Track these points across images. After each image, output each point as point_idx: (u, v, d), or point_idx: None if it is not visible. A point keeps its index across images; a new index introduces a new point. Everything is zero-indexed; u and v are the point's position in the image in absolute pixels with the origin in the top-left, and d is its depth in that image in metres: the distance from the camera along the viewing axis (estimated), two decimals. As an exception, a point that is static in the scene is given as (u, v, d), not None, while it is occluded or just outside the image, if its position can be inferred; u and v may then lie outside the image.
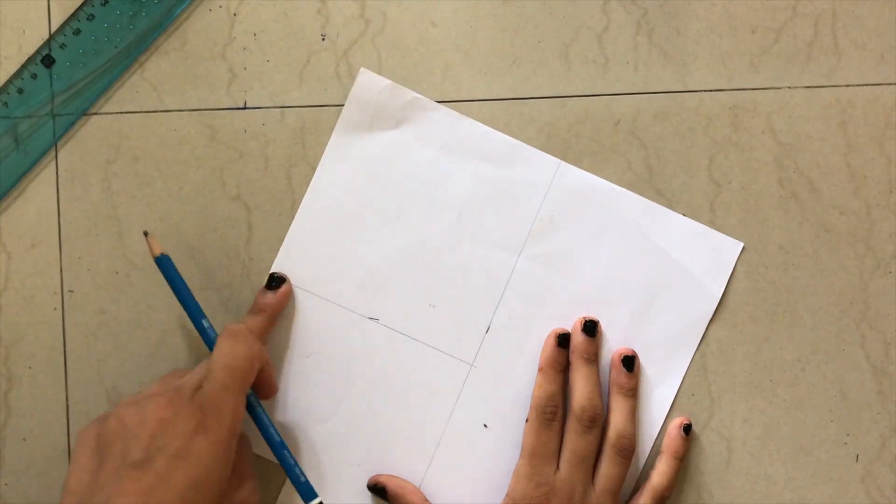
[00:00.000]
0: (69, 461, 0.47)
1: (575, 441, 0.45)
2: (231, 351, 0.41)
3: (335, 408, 0.47)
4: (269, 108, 0.48)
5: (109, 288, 0.48)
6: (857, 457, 0.48)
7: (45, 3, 0.48)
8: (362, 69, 0.48)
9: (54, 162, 0.48)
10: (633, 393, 0.47)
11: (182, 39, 0.48)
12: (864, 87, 0.48)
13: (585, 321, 0.47)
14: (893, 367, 0.48)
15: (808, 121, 0.48)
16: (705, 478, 0.48)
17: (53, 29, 0.48)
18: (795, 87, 0.48)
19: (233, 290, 0.48)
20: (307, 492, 0.44)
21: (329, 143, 0.48)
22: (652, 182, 0.48)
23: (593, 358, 0.46)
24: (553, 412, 0.45)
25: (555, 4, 0.48)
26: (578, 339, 0.46)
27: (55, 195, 0.48)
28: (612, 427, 0.46)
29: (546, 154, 0.48)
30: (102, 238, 0.48)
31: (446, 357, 0.47)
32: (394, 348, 0.47)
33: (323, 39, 0.48)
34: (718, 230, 0.48)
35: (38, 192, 0.48)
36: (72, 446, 0.48)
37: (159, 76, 0.48)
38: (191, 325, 0.48)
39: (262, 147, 0.48)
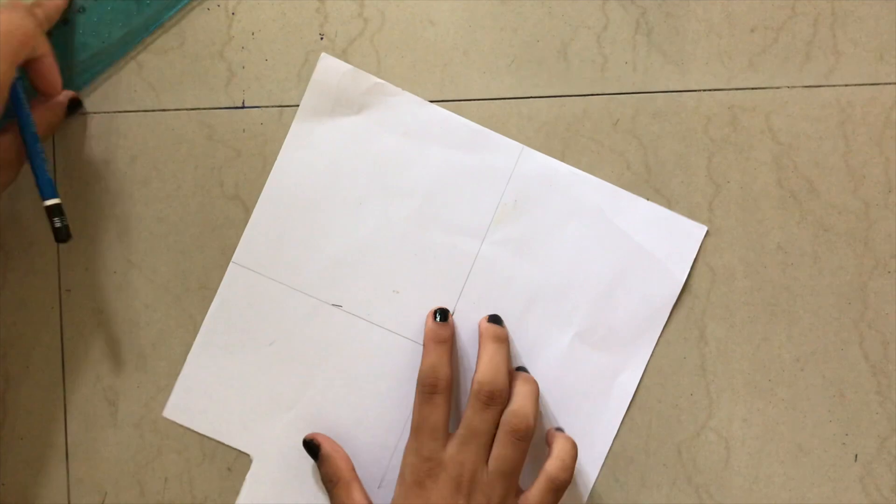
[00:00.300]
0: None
1: (469, 417, 0.44)
2: (6, 19, 0.41)
3: (299, 395, 0.47)
4: (268, 107, 0.48)
5: (107, 287, 0.48)
6: (856, 456, 0.48)
7: (43, 1, 0.48)
8: (323, 54, 0.48)
9: (52, 161, 0.48)
10: (532, 382, 0.46)
11: (180, 38, 0.48)
12: (863, 86, 0.48)
13: (490, 316, 0.47)
14: (892, 366, 0.48)
15: (806, 120, 0.48)
16: (704, 478, 0.48)
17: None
18: (794, 87, 0.48)
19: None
20: (48, 190, 0.44)
21: (290, 129, 0.48)
22: (650, 181, 0.48)
23: (502, 338, 0.46)
24: (433, 384, 0.44)
25: (553, 3, 0.48)
26: (484, 324, 0.46)
27: (53, 194, 0.48)
28: (508, 407, 0.45)
29: (509, 139, 0.48)
30: (100, 237, 0.48)
31: (410, 342, 0.47)
32: (357, 334, 0.47)
33: (321, 38, 0.48)
34: (717, 230, 0.48)
35: (36, 191, 0.48)
36: (69, 446, 0.48)
37: (157, 75, 0.48)
38: (187, 323, 0.48)
39: (261, 146, 0.48)
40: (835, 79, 0.48)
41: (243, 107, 0.48)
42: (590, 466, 0.48)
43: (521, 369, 0.47)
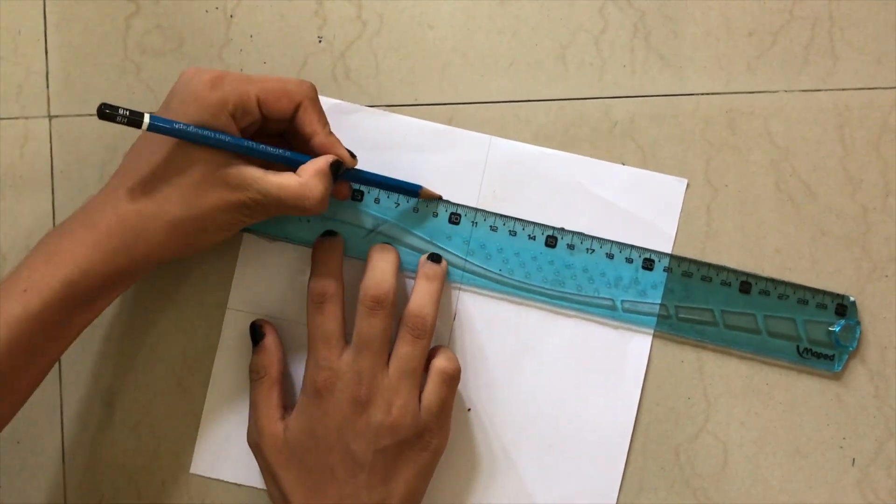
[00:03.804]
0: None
1: (359, 325, 0.44)
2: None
3: None
4: (266, 109, 0.48)
5: (104, 289, 0.48)
6: (854, 460, 0.48)
7: (41, 3, 0.48)
8: None
9: (50, 162, 0.48)
10: (435, 277, 0.46)
11: (178, 41, 0.48)
12: (861, 90, 0.48)
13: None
14: (890, 370, 0.48)
15: (804, 124, 0.48)
16: (701, 481, 0.48)
17: (49, 29, 0.48)
18: (792, 91, 0.48)
19: (228, 291, 0.48)
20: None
21: None
22: (649, 185, 0.48)
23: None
24: (321, 293, 0.44)
25: (552, 7, 0.48)
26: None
27: (50, 196, 0.48)
28: (407, 306, 0.45)
29: (474, 132, 0.48)
30: (98, 239, 0.48)
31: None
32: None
33: (319, 41, 0.48)
34: (715, 233, 0.48)
35: (34, 193, 0.48)
36: (66, 448, 0.48)
37: (156, 77, 0.48)
38: (185, 326, 0.48)
39: (259, 148, 0.48)
40: (833, 83, 0.48)
41: (241, 109, 0.48)
42: (619, 438, 0.47)
43: (434, 257, 0.46)
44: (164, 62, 0.48)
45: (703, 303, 0.47)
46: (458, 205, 0.48)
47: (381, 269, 0.45)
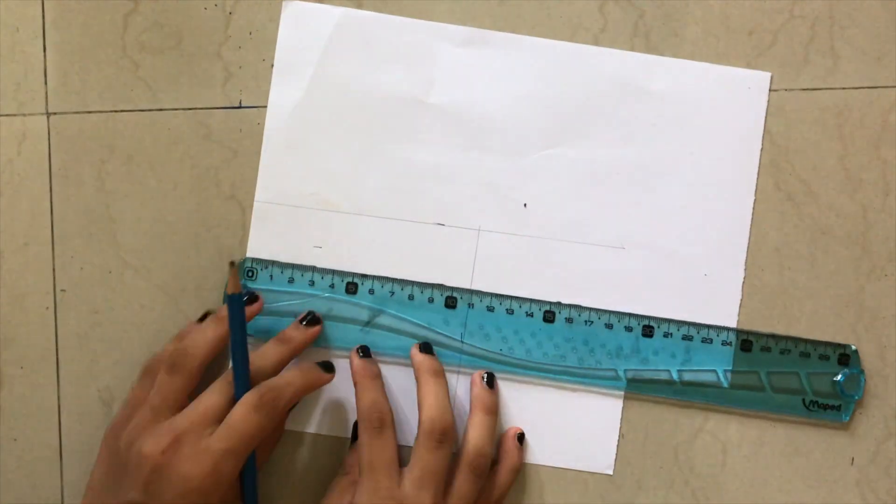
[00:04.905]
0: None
1: (424, 457, 0.43)
2: (248, 420, 0.42)
3: None
4: (265, 107, 0.48)
5: (102, 287, 0.48)
6: (853, 460, 0.48)
7: (39, 0, 0.48)
8: (285, 2, 0.48)
9: (48, 160, 0.48)
10: (493, 410, 0.46)
11: (177, 38, 0.48)
12: (861, 89, 0.48)
13: (421, 346, 0.46)
14: (889, 369, 0.48)
15: (804, 123, 0.48)
16: (700, 481, 0.48)
17: (48, 26, 0.48)
18: (792, 90, 0.48)
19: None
20: None
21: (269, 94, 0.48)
22: (648, 184, 0.48)
23: (439, 370, 0.45)
24: (380, 419, 0.44)
25: (551, 5, 0.48)
26: (418, 357, 0.46)
27: (48, 193, 0.48)
28: (469, 443, 0.44)
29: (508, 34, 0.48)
30: (96, 237, 0.48)
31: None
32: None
33: (319, 39, 0.48)
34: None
35: (31, 189, 0.48)
36: (64, 447, 0.48)
37: (154, 74, 0.48)
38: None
39: (257, 146, 0.48)
40: (833, 82, 0.48)
41: (240, 107, 0.48)
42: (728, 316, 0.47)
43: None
44: (162, 60, 0.48)
45: (707, 364, 0.47)
46: (453, 288, 0.47)
47: (441, 399, 0.44)
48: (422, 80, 0.47)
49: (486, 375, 0.46)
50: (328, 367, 0.45)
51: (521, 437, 0.47)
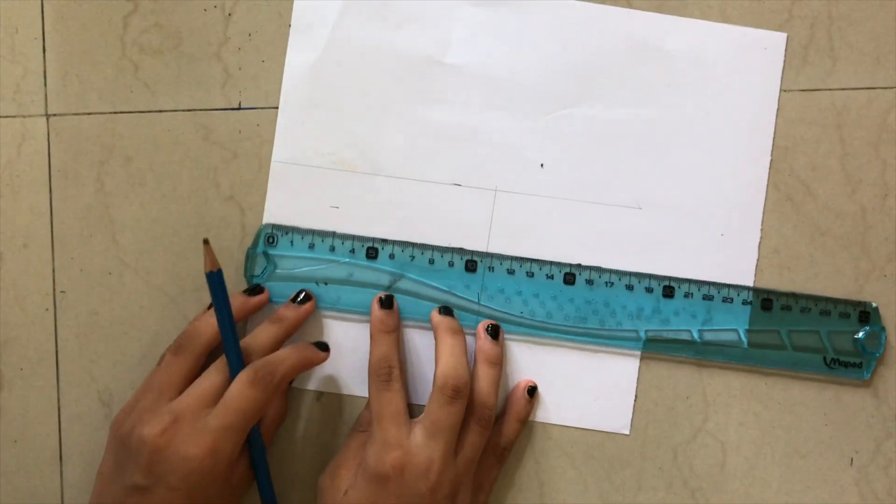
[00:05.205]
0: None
1: (435, 411, 0.43)
2: (244, 396, 0.42)
3: None
4: (264, 108, 0.48)
5: (102, 289, 0.48)
6: (852, 460, 0.48)
7: (39, 2, 0.48)
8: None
9: (47, 161, 0.48)
10: (496, 361, 0.46)
11: (176, 39, 0.48)
12: (860, 90, 0.48)
13: (441, 308, 0.47)
14: (889, 370, 0.48)
15: (803, 124, 0.48)
16: (700, 481, 0.48)
17: (47, 27, 0.48)
18: (791, 91, 0.48)
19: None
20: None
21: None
22: (647, 184, 0.48)
23: (457, 329, 0.46)
24: (388, 372, 0.44)
25: (551, 6, 0.48)
26: (437, 318, 0.46)
27: (48, 195, 0.48)
28: (473, 394, 0.45)
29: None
30: (95, 239, 0.48)
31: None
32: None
33: (318, 40, 0.48)
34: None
35: (31, 191, 0.48)
36: (64, 447, 0.48)
37: (153, 76, 0.48)
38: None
39: (257, 147, 0.48)
40: (832, 82, 0.48)
41: (240, 108, 0.48)
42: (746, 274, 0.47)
43: (493, 329, 0.46)
44: (161, 61, 0.48)
45: (727, 324, 0.47)
46: (472, 252, 0.47)
47: (457, 356, 0.44)
48: (439, 40, 0.47)
49: (489, 326, 0.46)
50: (323, 347, 0.46)
51: (531, 391, 0.47)
